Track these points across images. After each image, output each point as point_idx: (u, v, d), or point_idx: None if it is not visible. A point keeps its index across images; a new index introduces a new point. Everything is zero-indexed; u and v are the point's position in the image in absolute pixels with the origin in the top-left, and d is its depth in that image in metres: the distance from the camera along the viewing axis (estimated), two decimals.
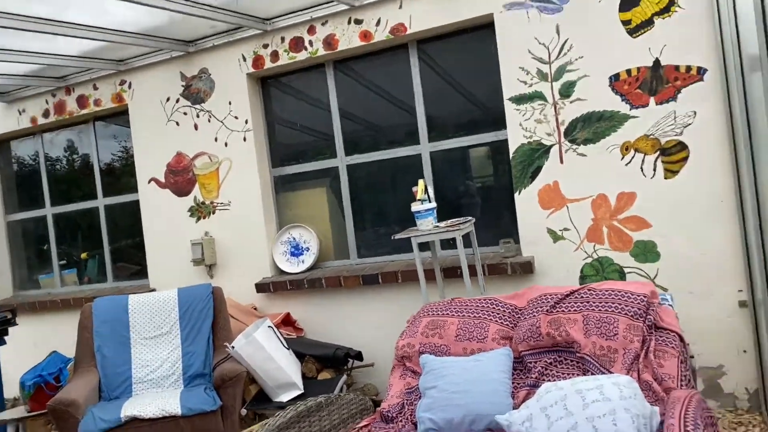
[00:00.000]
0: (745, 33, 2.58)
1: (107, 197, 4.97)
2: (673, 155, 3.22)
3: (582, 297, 2.56)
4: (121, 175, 4.95)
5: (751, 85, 2.57)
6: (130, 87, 4.62)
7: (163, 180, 4.55)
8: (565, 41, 3.37)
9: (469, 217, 3.42)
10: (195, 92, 4.38)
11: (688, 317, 3.20)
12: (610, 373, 2.33)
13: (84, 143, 5.09)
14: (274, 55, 4.11)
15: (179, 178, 4.48)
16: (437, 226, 3.27)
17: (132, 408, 3.06)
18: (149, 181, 4.59)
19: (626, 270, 3.34)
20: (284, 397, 3.32)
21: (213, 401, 3.12)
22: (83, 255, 5.13)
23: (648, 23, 3.22)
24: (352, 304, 3.99)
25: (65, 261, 5.26)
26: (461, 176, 3.95)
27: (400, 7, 3.73)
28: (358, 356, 3.72)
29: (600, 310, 2.47)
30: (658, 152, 3.25)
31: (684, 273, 3.23)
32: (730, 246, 3.14)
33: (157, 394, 3.32)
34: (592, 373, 2.37)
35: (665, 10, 3.18)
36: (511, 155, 3.55)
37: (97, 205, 5.00)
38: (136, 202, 4.70)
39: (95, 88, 4.74)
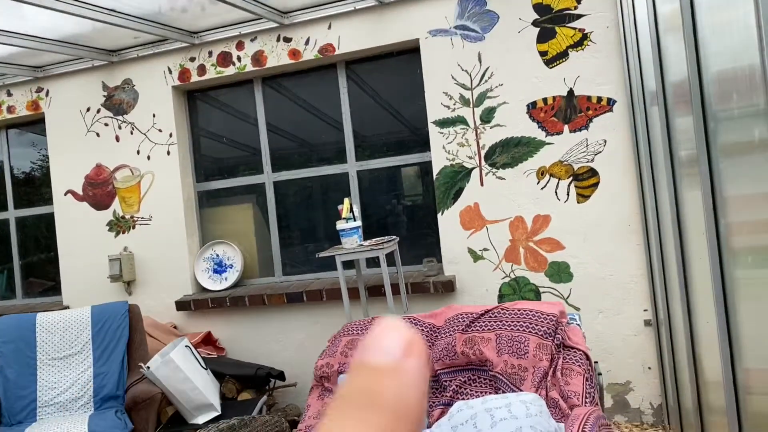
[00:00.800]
0: (646, 70, 2.76)
1: (19, 209, 4.73)
2: (584, 181, 3.39)
3: (495, 316, 2.64)
4: (41, 185, 4.72)
5: (652, 117, 2.76)
6: (47, 95, 4.43)
7: (80, 192, 4.37)
8: (487, 69, 3.50)
9: (393, 236, 3.47)
10: (117, 103, 4.26)
11: (599, 335, 3.37)
12: (520, 390, 2.41)
13: None
14: (201, 69, 4.06)
15: (98, 191, 4.32)
16: (361, 245, 3.29)
17: None
18: (66, 194, 4.40)
19: (541, 290, 3.47)
20: (200, 419, 3.23)
21: (124, 425, 3.01)
22: None
23: (563, 55, 3.39)
24: (276, 322, 3.95)
25: None
26: (388, 195, 4.00)
27: (329, 27, 3.77)
28: (280, 376, 3.67)
29: (512, 329, 2.56)
30: (571, 177, 3.41)
31: (594, 293, 3.39)
32: (636, 267, 3.33)
33: (64, 418, 3.16)
34: (503, 391, 2.44)
35: (578, 44, 3.36)
36: (434, 176, 3.63)
37: (7, 216, 4.74)
38: (51, 215, 4.49)
39: (9, 94, 4.52)
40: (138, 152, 4.21)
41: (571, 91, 3.38)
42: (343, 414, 0.20)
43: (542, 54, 3.42)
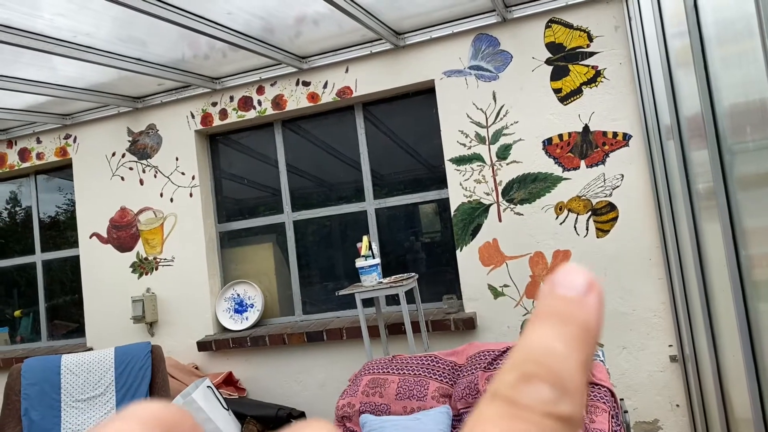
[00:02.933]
0: (660, 105, 2.79)
1: (46, 252, 4.83)
2: (603, 215, 3.38)
3: None
4: (66, 229, 4.84)
5: (668, 151, 2.77)
6: (75, 141, 4.58)
7: (105, 235, 4.47)
8: (501, 107, 3.55)
9: (413, 273, 3.48)
10: (142, 148, 4.38)
11: (623, 372, 3.30)
12: None
13: (25, 196, 4.98)
14: (223, 114, 4.18)
15: (122, 233, 4.42)
16: (381, 282, 3.30)
17: None
18: (91, 236, 4.50)
19: None
20: None
21: None
22: (17, 313, 4.92)
23: (577, 92, 3.44)
24: (297, 362, 3.94)
25: None
26: (406, 233, 4.03)
27: (347, 71, 3.88)
28: (301, 417, 3.65)
29: None
30: (589, 212, 3.41)
31: (617, 328, 3.35)
32: (659, 302, 3.28)
33: None
34: None
35: (592, 81, 3.41)
36: (452, 213, 3.66)
37: (34, 260, 4.84)
38: (77, 258, 4.59)
39: (38, 141, 4.68)
40: (161, 195, 4.31)
41: (586, 127, 3.42)
42: (538, 325, 0.24)
43: (556, 91, 3.47)
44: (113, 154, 4.45)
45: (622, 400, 2.68)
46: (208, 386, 3.38)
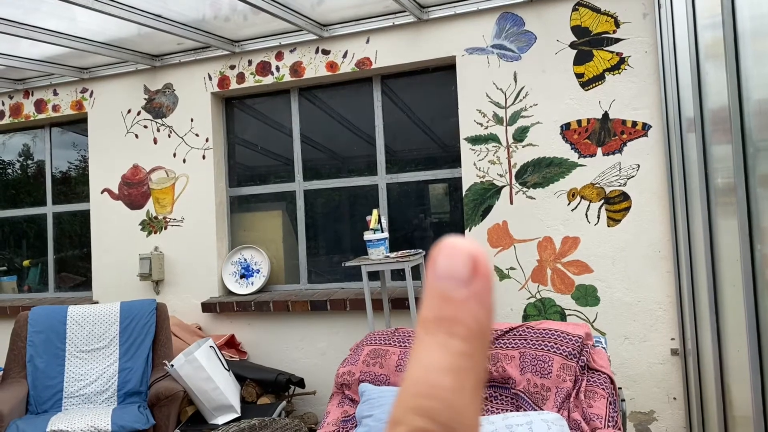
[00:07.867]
0: (684, 96, 2.75)
1: (57, 205, 4.86)
2: (616, 204, 3.37)
3: (520, 334, 2.63)
4: (77, 184, 4.85)
5: (688, 144, 2.74)
6: (91, 95, 4.57)
7: (116, 191, 4.48)
8: (522, 88, 3.51)
9: (420, 250, 3.48)
10: (157, 106, 4.37)
11: (624, 362, 3.32)
12: (542, 410, 2.39)
13: (38, 148, 4.99)
14: (240, 77, 4.15)
15: (133, 190, 4.43)
16: (388, 256, 3.31)
17: (59, 423, 2.97)
18: (102, 192, 4.52)
19: (567, 312, 3.44)
20: (220, 420, 3.27)
21: (146, 420, 3.05)
22: (25, 262, 4.98)
23: (599, 78, 3.39)
24: (299, 329, 3.98)
25: (6, 267, 5.09)
26: (416, 209, 4.03)
27: (367, 41, 3.83)
28: (300, 383, 3.69)
29: (536, 348, 2.54)
30: (602, 201, 3.39)
31: (621, 318, 3.35)
32: (665, 295, 3.28)
33: (88, 410, 3.23)
34: (525, 410, 2.43)
35: (616, 68, 3.36)
36: (463, 193, 3.64)
37: (45, 212, 4.87)
38: (87, 212, 4.61)
39: (55, 93, 4.68)
40: (174, 155, 4.31)
41: (606, 114, 3.38)
42: (425, 340, 0.22)
43: (578, 76, 3.43)
44: (129, 111, 4.45)
45: (620, 388, 2.70)
46: (210, 346, 3.42)
